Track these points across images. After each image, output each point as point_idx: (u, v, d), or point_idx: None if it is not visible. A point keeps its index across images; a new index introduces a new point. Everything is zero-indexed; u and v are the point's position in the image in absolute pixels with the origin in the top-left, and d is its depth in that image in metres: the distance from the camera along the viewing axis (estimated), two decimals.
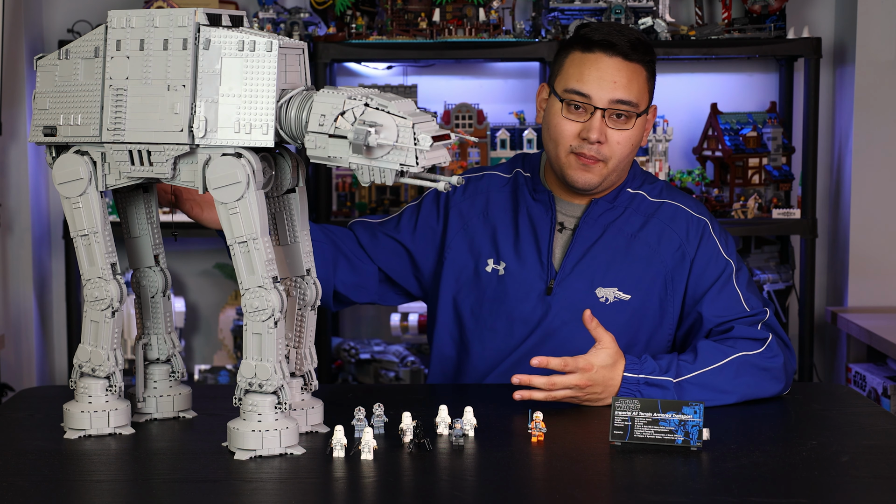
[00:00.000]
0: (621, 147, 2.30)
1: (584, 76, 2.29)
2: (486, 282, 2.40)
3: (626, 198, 2.40)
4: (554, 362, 2.11)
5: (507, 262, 2.39)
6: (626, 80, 2.29)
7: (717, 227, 2.40)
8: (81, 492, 1.73)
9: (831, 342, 4.07)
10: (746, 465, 1.81)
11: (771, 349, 2.25)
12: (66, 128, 1.92)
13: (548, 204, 2.41)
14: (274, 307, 1.82)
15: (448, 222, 2.46)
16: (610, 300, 2.34)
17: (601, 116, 2.28)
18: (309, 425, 1.98)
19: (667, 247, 2.36)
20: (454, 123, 3.90)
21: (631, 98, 2.29)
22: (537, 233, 2.39)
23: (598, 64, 2.29)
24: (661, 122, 3.86)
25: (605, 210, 2.39)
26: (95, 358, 1.97)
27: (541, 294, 2.36)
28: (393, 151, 1.75)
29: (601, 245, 2.36)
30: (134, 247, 2.07)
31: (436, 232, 2.47)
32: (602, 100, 2.28)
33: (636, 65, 2.30)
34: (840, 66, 3.99)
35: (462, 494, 1.70)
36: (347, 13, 3.74)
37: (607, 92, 2.28)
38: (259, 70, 1.81)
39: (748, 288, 2.35)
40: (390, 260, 2.47)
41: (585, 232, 2.37)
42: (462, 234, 2.44)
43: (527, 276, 2.38)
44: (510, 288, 2.38)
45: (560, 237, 2.40)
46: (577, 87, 2.29)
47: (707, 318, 2.32)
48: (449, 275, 2.44)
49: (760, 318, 2.31)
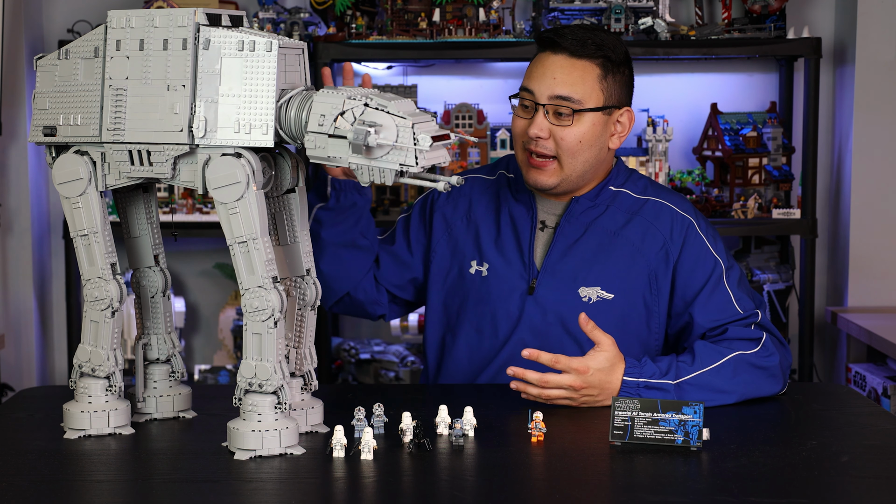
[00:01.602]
0: (566, 143, 2.30)
1: (531, 73, 2.34)
2: (470, 283, 2.41)
3: (608, 195, 2.40)
4: (545, 357, 2.12)
5: (489, 263, 2.40)
6: (567, 77, 2.29)
7: (704, 225, 2.38)
8: (81, 492, 1.73)
9: (831, 342, 4.07)
10: (746, 465, 1.81)
11: (766, 348, 2.25)
12: (66, 128, 1.92)
13: (529, 203, 2.41)
14: (274, 307, 1.82)
15: (433, 227, 2.47)
16: (593, 299, 2.34)
17: (544, 113, 2.30)
18: (309, 425, 1.98)
19: (650, 245, 2.35)
20: (454, 123, 3.90)
21: (571, 94, 2.29)
22: (518, 232, 2.39)
23: (543, 61, 2.33)
24: (661, 122, 3.86)
25: (586, 208, 2.38)
26: (95, 358, 1.97)
27: (523, 293, 2.36)
28: (392, 151, 1.75)
29: (582, 243, 2.36)
30: (134, 247, 2.07)
31: (424, 238, 2.48)
32: (542, 95, 2.30)
33: (584, 61, 2.30)
34: (840, 66, 3.99)
35: (462, 494, 1.70)
36: (347, 13, 3.74)
37: (547, 88, 2.30)
38: (259, 70, 1.81)
39: (739, 287, 2.33)
40: (391, 275, 2.48)
41: (566, 230, 2.37)
42: (446, 237, 2.45)
43: (509, 276, 2.38)
44: (493, 288, 2.38)
45: (542, 236, 2.40)
46: (525, 84, 2.34)
47: (700, 322, 2.31)
48: (436, 279, 2.45)
49: (753, 320, 2.30)
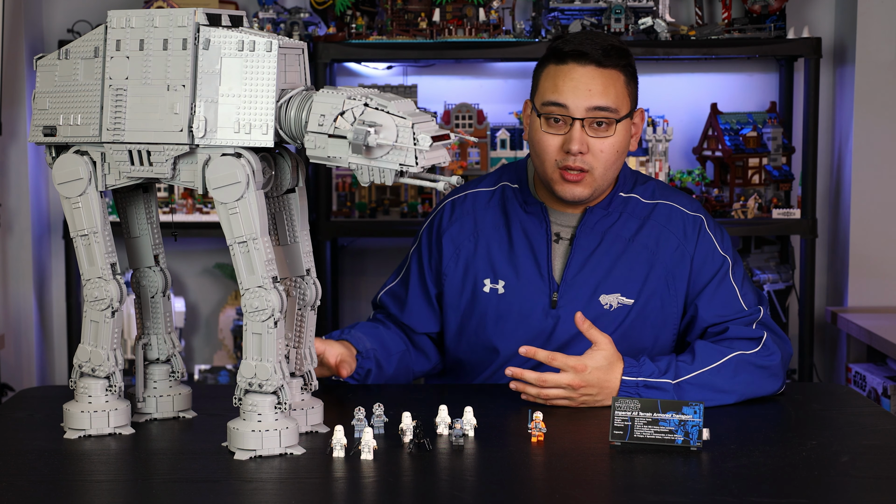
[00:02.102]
0: (605, 155, 2.28)
1: (559, 87, 2.27)
2: (486, 303, 2.38)
3: (619, 202, 2.39)
4: (542, 354, 2.11)
5: (505, 280, 2.37)
6: (602, 87, 2.26)
7: (712, 223, 2.40)
8: (81, 492, 1.73)
9: (831, 342, 4.07)
10: (746, 465, 1.81)
11: (767, 347, 2.25)
12: (66, 128, 1.92)
13: (541, 216, 2.38)
14: (274, 307, 1.82)
15: (442, 251, 2.43)
16: (614, 306, 2.33)
17: (581, 126, 2.26)
18: (309, 425, 1.98)
19: (665, 247, 2.36)
20: (454, 123, 3.90)
21: (608, 104, 2.26)
22: (534, 246, 2.37)
23: (572, 74, 2.27)
24: (661, 122, 3.86)
25: (600, 217, 2.37)
26: (95, 358, 1.97)
27: (545, 308, 2.34)
28: (392, 151, 1.75)
29: (600, 252, 2.35)
30: (134, 247, 2.07)
31: (436, 265, 2.45)
32: (579, 109, 2.26)
33: (611, 70, 2.28)
34: (840, 66, 3.99)
35: (462, 494, 1.70)
36: (347, 13, 3.74)
37: (583, 100, 2.26)
38: (259, 70, 1.81)
39: (744, 283, 2.35)
40: (431, 323, 2.47)
41: (583, 241, 2.36)
42: (455, 259, 2.41)
43: (529, 292, 2.35)
44: (513, 306, 2.36)
45: (557, 248, 2.38)
46: (554, 99, 2.27)
47: (704, 316, 2.32)
48: (450, 303, 2.42)
49: (755, 318, 2.31)
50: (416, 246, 2.49)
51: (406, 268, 2.49)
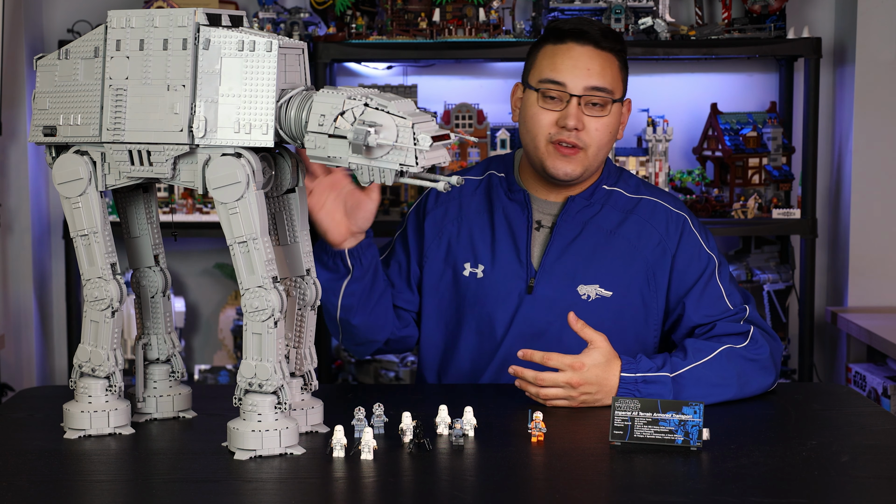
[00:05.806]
0: (599, 134, 2.32)
1: (557, 65, 2.32)
2: (465, 286, 2.40)
3: (602, 194, 2.41)
4: (537, 355, 2.12)
5: (484, 265, 2.39)
6: (600, 68, 2.31)
7: (697, 223, 2.42)
8: (81, 492, 1.73)
9: (831, 342, 4.07)
10: (746, 465, 1.81)
11: (755, 341, 2.27)
12: (66, 128, 1.92)
13: (524, 203, 2.41)
14: (274, 307, 1.82)
15: (424, 233, 2.46)
16: (592, 297, 2.35)
17: (577, 104, 2.30)
18: (309, 425, 1.98)
19: (647, 242, 2.37)
20: (454, 123, 3.90)
21: (605, 85, 2.31)
22: (514, 232, 2.39)
23: (571, 53, 2.32)
24: (661, 122, 3.86)
25: (582, 207, 2.39)
26: (95, 358, 1.97)
27: (521, 293, 2.36)
28: (392, 151, 1.75)
29: (580, 242, 2.37)
30: (134, 247, 2.07)
31: (418, 246, 2.47)
32: (577, 87, 2.30)
33: (608, 53, 2.33)
34: (840, 66, 3.99)
35: (462, 494, 1.70)
36: (347, 13, 3.74)
37: (581, 79, 2.30)
38: (259, 70, 1.81)
39: (730, 282, 2.38)
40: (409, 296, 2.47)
41: (563, 229, 2.38)
42: (436, 242, 2.44)
43: (506, 277, 2.38)
44: (489, 289, 2.38)
45: (538, 236, 2.40)
46: (552, 76, 2.31)
47: (692, 316, 2.34)
48: (429, 285, 2.44)
49: (741, 316, 2.33)
50: (401, 230, 2.51)
51: (390, 249, 2.51)
